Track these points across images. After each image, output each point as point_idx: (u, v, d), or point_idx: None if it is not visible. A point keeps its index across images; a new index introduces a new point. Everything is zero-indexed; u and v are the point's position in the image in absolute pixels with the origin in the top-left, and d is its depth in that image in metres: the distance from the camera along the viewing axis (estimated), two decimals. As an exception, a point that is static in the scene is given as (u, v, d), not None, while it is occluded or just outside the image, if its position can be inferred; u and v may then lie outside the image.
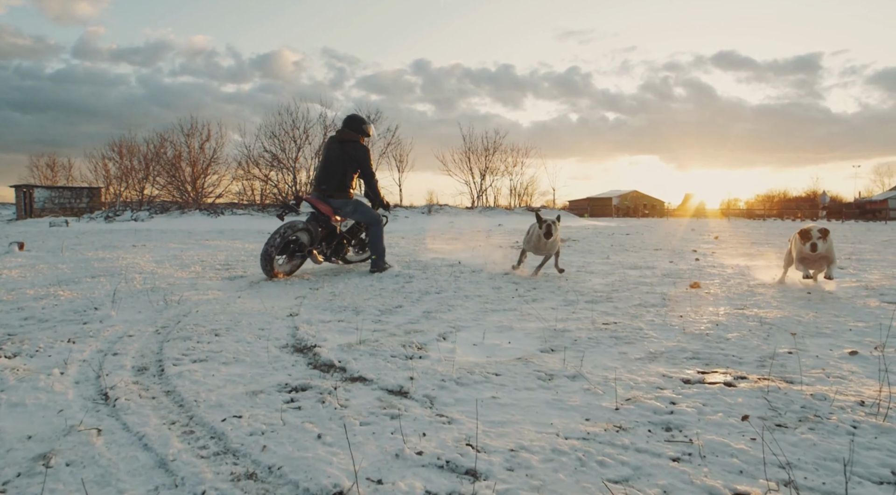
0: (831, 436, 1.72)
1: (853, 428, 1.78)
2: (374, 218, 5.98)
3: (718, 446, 1.65)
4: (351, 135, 5.92)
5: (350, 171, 5.86)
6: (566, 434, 1.75)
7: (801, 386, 2.18)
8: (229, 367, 2.49)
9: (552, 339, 3.01)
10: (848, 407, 1.95)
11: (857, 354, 2.70)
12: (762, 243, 11.79)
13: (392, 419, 1.87)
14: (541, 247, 5.56)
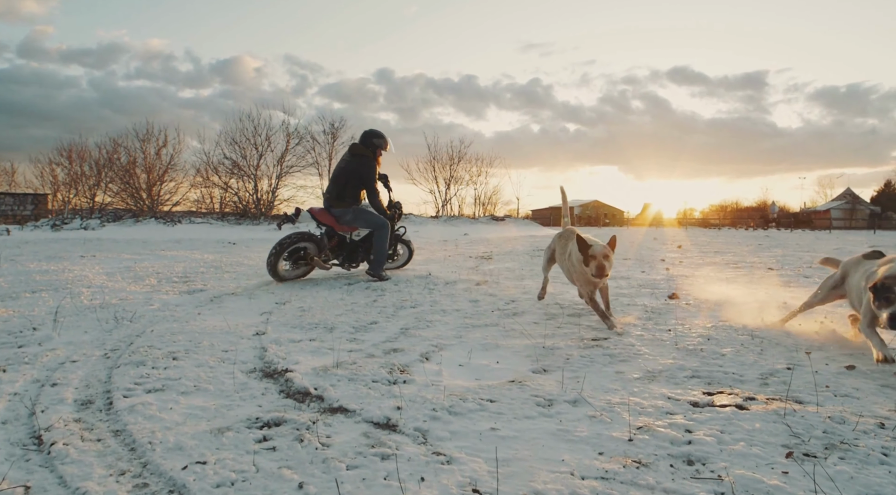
0: (866, 467, 1.57)
1: (884, 455, 1.65)
2: (377, 223, 6.13)
3: (751, 482, 1.48)
4: (360, 149, 6.22)
5: (352, 183, 6.09)
6: (582, 473, 1.55)
7: (814, 407, 2.05)
8: (190, 398, 2.20)
9: (543, 358, 2.82)
10: (871, 431, 1.82)
11: (855, 368, 2.61)
12: (724, 252, 12.00)
13: (383, 460, 1.63)
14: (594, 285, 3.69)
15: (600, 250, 3.48)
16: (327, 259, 6.18)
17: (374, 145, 6.25)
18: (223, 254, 9.55)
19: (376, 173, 6.22)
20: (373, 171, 6.14)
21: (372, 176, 6.13)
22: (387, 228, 6.18)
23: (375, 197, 6.19)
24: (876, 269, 2.78)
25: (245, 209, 27.28)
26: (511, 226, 29.89)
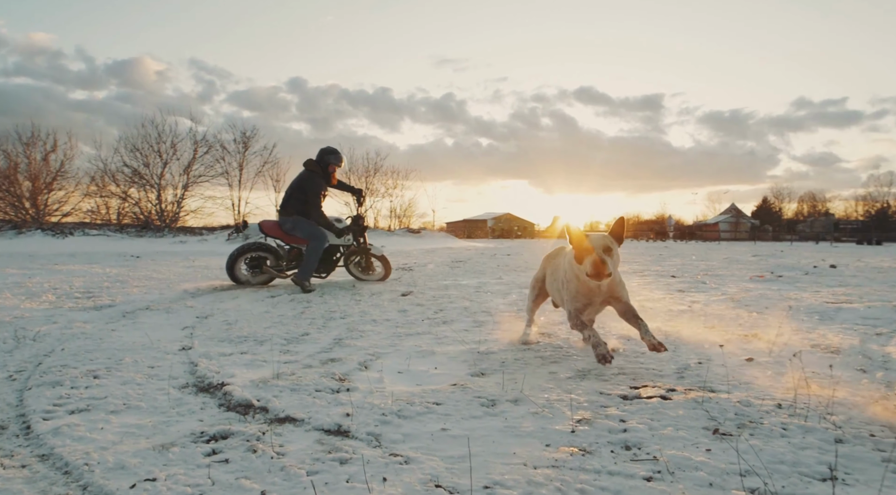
0: (771, 440, 1.81)
1: (784, 430, 1.90)
2: (312, 234, 6.35)
3: (681, 460, 1.65)
4: (310, 164, 6.59)
5: (295, 195, 6.41)
6: (534, 463, 1.66)
7: (725, 394, 2.30)
8: (122, 416, 2.09)
9: (479, 363, 2.93)
10: (772, 411, 2.08)
11: (754, 361, 2.94)
12: (631, 262, 12.87)
13: (342, 464, 1.65)
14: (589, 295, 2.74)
15: (598, 240, 2.54)
16: (281, 269, 6.53)
17: (324, 161, 6.56)
18: (128, 268, 8.92)
19: (321, 188, 6.46)
20: (315, 186, 6.38)
21: (314, 190, 6.37)
22: (320, 241, 6.33)
23: (314, 210, 6.39)
24: None
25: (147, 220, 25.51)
26: (427, 238, 30.17)
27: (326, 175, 6.61)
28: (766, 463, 1.63)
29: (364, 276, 7.30)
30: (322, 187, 6.51)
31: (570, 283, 2.75)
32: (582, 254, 2.54)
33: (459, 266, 10.80)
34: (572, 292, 2.74)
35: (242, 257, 6.52)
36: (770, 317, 4.44)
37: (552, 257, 3.33)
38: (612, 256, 2.52)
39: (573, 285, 2.73)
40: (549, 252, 3.42)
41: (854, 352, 3.12)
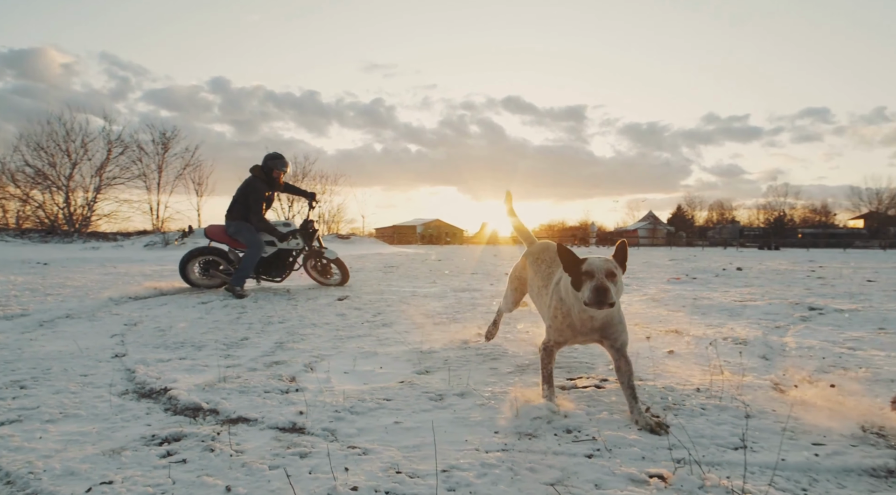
0: (692, 419, 2.04)
1: (703, 409, 2.14)
2: (250, 240, 6.35)
3: (617, 439, 1.84)
4: (254, 169, 6.58)
5: (238, 200, 6.43)
6: (486, 448, 1.79)
7: (652, 381, 2.55)
8: (60, 425, 2.02)
9: (423, 361, 3.04)
10: (692, 395, 2.33)
11: (674, 353, 3.24)
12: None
13: (303, 458, 1.70)
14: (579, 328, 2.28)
15: (600, 265, 2.10)
16: (231, 273, 6.56)
17: (267, 167, 6.56)
18: (37, 276, 8.28)
19: (262, 193, 6.45)
20: (257, 191, 6.39)
21: (255, 195, 6.38)
22: (257, 247, 6.32)
23: (254, 215, 6.40)
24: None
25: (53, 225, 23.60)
26: (357, 244, 29.91)
27: (271, 180, 6.61)
28: (689, 438, 1.85)
29: (323, 280, 7.33)
30: (263, 192, 6.47)
31: (557, 311, 2.31)
32: (581, 279, 2.11)
33: (392, 271, 10.85)
34: (558, 322, 2.31)
35: (195, 260, 6.57)
36: (687, 315, 4.84)
37: (538, 258, 2.83)
38: (615, 283, 2.08)
39: (561, 314, 2.29)
40: (532, 248, 3.00)
41: (758, 343, 3.50)
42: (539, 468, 1.63)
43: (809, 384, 2.55)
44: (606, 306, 2.04)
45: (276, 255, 6.81)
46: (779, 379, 2.60)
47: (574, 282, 2.15)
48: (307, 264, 7.25)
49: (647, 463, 1.67)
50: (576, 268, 2.15)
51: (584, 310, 2.17)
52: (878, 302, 5.68)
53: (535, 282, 2.76)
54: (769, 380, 2.57)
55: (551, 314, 2.36)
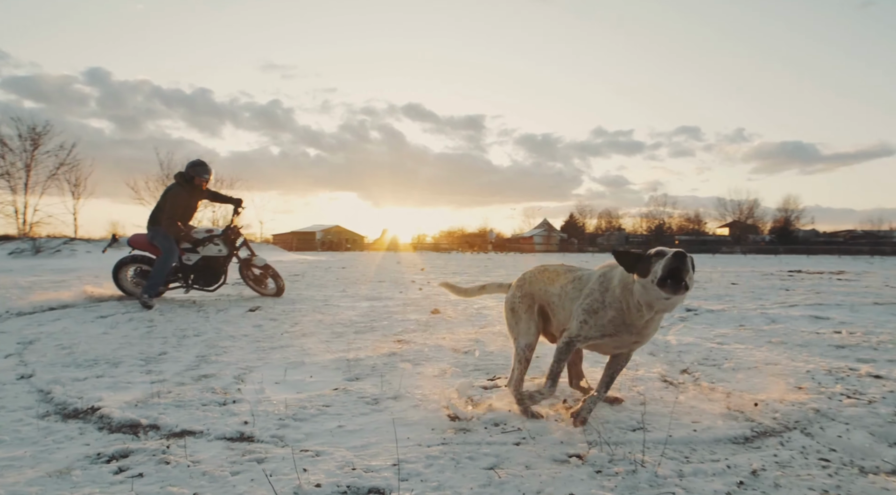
0: (600, 408, 2.39)
1: (617, 401, 2.50)
2: (163, 247, 6.19)
3: (540, 429, 2.14)
4: (178, 176, 6.52)
5: (160, 207, 6.32)
6: (427, 443, 2.00)
7: (564, 379, 2.89)
8: (-13, 450, 1.95)
9: (352, 369, 3.18)
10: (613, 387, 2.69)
11: (574, 353, 3.64)
12: (461, 273, 13.89)
13: (261, 463, 1.81)
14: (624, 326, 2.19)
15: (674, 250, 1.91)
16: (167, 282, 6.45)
17: (188, 174, 6.46)
18: None
19: (180, 199, 6.33)
20: (174, 197, 6.27)
21: (172, 201, 6.24)
22: (168, 255, 6.14)
23: (166, 221, 6.20)
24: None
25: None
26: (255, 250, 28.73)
27: (192, 187, 6.49)
28: (598, 423, 2.19)
29: (259, 290, 7.17)
30: (182, 199, 6.34)
31: (598, 304, 2.20)
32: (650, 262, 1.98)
33: (299, 279, 10.69)
34: (599, 317, 2.19)
35: (128, 267, 6.54)
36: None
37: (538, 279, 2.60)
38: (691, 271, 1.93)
39: (605, 308, 2.18)
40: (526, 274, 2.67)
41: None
42: (477, 456, 1.88)
43: (689, 375, 3.03)
44: (682, 290, 1.87)
45: (206, 264, 6.64)
46: (665, 372, 3.06)
47: (642, 269, 2.01)
48: (243, 273, 7.08)
49: (566, 447, 1.97)
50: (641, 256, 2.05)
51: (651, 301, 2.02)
52: (739, 302, 6.61)
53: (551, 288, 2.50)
54: (657, 373, 3.02)
55: (589, 307, 2.22)
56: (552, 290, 2.49)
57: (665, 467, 1.78)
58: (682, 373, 3.07)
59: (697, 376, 3.00)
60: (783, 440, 2.08)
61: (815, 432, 2.15)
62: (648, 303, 2.04)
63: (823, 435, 2.12)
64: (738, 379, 2.96)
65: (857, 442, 2.04)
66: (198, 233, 6.65)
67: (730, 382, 2.88)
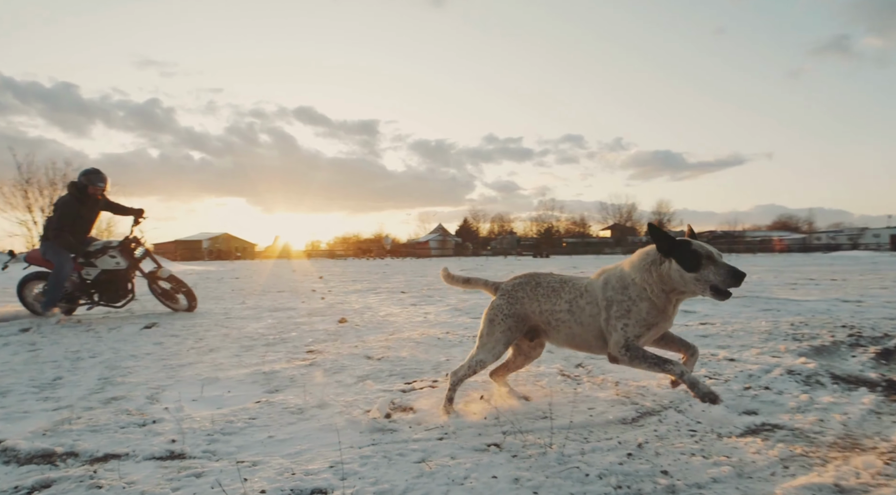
0: (511, 400, 2.66)
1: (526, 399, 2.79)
2: (57, 261, 5.96)
3: (460, 423, 2.36)
4: (70, 186, 6.24)
5: (52, 219, 6.08)
6: (358, 445, 2.15)
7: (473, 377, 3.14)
8: None
9: (271, 381, 3.22)
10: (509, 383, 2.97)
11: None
12: (360, 280, 13.90)
13: (199, 477, 1.86)
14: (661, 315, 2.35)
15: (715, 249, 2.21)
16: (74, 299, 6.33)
17: (80, 183, 6.20)
18: None
19: (69, 210, 6.03)
20: (65, 208, 6.03)
21: (62, 212, 6.02)
22: (60, 268, 5.89)
23: (59, 236, 5.93)
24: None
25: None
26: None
27: (84, 197, 6.16)
28: (510, 414, 2.45)
29: (171, 305, 6.84)
30: (74, 210, 6.03)
31: (635, 303, 2.30)
32: (697, 260, 2.15)
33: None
34: (640, 314, 2.29)
35: (31, 285, 6.31)
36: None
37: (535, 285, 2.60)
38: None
39: (640, 302, 2.29)
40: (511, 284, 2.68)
41: (541, 339, 4.41)
42: (406, 452, 2.06)
43: (583, 368, 3.42)
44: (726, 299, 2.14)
45: (108, 278, 6.31)
46: (563, 367, 3.43)
47: (689, 263, 2.15)
48: (151, 287, 6.72)
49: (484, 438, 2.21)
50: (683, 245, 2.19)
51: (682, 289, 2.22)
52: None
53: (555, 306, 2.49)
54: (556, 369, 3.38)
55: (620, 313, 2.30)
56: (559, 308, 2.48)
57: (569, 447, 2.08)
58: (578, 367, 3.45)
59: (590, 369, 3.39)
60: (661, 418, 2.46)
61: (685, 409, 2.57)
62: (678, 290, 2.24)
63: (691, 410, 2.55)
64: (623, 369, 3.39)
65: (717, 414, 2.48)
66: (95, 246, 6.26)
67: (617, 373, 3.29)
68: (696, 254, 2.16)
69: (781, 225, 79.07)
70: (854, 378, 3.08)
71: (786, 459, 1.97)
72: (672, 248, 2.22)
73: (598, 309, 2.38)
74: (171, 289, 6.80)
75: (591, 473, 1.85)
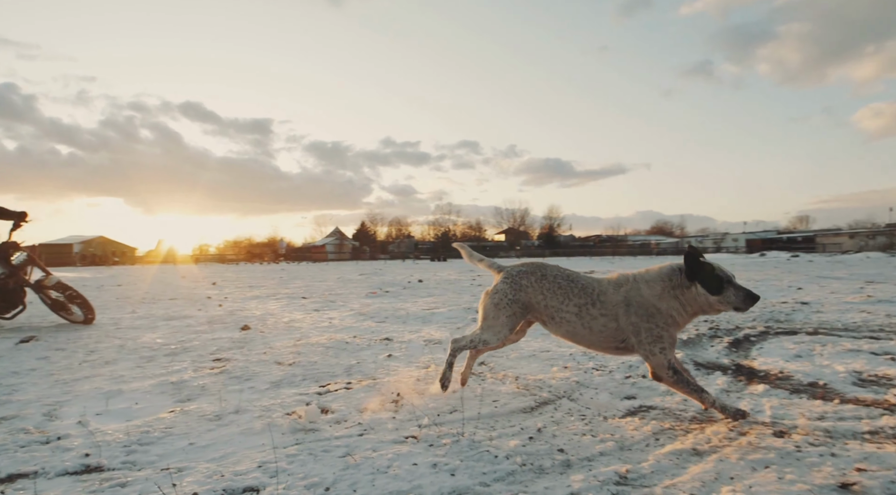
0: (422, 397, 2.86)
1: (426, 390, 3.00)
2: None
3: (376, 421, 2.53)
4: None
5: None
6: (283, 445, 2.25)
7: (385, 378, 3.32)
8: None
9: (181, 391, 3.18)
10: (422, 379, 3.18)
11: (392, 356, 4.11)
12: (257, 286, 13.47)
13: (124, 487, 1.88)
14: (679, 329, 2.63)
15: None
16: None
17: None
18: None
19: None
20: None
21: None
22: None
23: None
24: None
25: None
26: None
27: None
28: (423, 410, 2.66)
29: (67, 317, 6.31)
30: None
31: (665, 329, 2.49)
32: (721, 284, 2.43)
33: (67, 302, 9.34)
34: (672, 338, 2.51)
35: None
36: (392, 324, 5.88)
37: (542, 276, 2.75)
38: None
39: (672, 330, 2.51)
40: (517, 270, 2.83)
41: (447, 341, 4.66)
42: (330, 449, 2.20)
43: (486, 366, 3.71)
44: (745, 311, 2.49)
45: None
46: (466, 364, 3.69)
47: (712, 286, 2.42)
48: (41, 297, 6.14)
49: (401, 432, 2.40)
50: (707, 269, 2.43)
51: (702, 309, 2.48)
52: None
53: (562, 305, 2.65)
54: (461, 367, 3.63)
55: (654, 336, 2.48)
56: (566, 308, 2.63)
57: (479, 435, 2.33)
58: (481, 365, 3.73)
59: (492, 366, 3.69)
60: (556, 406, 2.79)
61: (576, 397, 2.93)
62: (697, 308, 2.49)
63: (582, 398, 2.90)
64: (522, 365, 3.72)
65: (603, 400, 2.86)
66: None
67: (517, 368, 3.61)
68: (720, 279, 2.41)
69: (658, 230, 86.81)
70: (712, 364, 3.63)
71: (657, 433, 2.36)
72: (698, 273, 2.43)
73: (617, 324, 2.54)
74: (65, 299, 6.25)
75: (500, 455, 2.11)
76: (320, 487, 1.85)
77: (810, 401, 2.75)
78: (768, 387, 3.03)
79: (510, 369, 3.58)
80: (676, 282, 2.49)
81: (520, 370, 3.56)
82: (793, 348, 4.02)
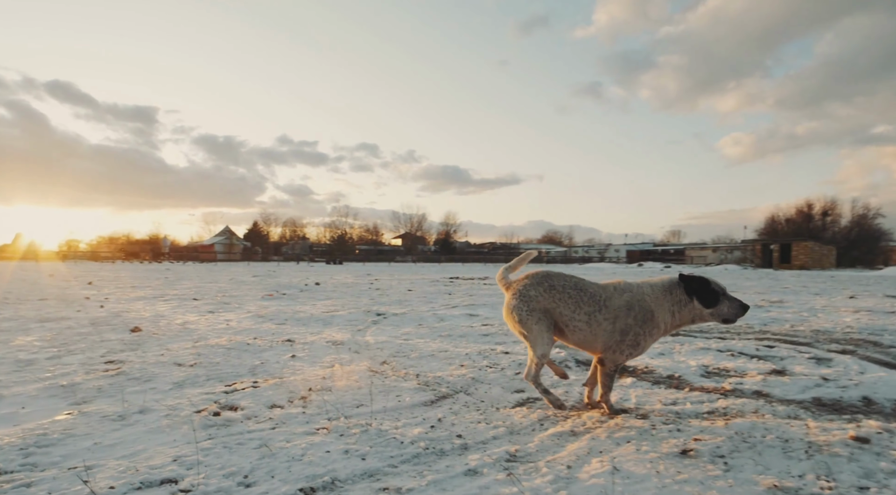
0: (330, 393, 3.02)
1: (355, 383, 3.16)
2: None
3: (285, 416, 2.66)
4: None
5: None
6: (196, 440, 2.32)
7: (292, 377, 3.43)
8: None
9: (74, 393, 3.08)
10: (324, 381, 3.32)
11: (296, 357, 4.19)
12: (141, 286, 12.63)
13: (30, 487, 1.87)
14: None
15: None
16: None
17: None
18: None
19: None
20: None
21: None
22: None
23: None
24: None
25: None
26: None
27: None
28: (331, 405, 2.82)
29: None
30: None
31: (646, 338, 2.69)
32: (717, 297, 2.64)
33: None
34: (645, 348, 2.73)
35: None
36: (292, 326, 5.90)
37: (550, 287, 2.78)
38: None
39: (651, 340, 2.72)
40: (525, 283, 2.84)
41: (350, 342, 4.82)
42: (244, 441, 2.31)
43: (388, 365, 3.93)
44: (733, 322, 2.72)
45: None
46: (370, 364, 3.89)
47: (708, 300, 2.63)
48: None
49: (312, 424, 2.55)
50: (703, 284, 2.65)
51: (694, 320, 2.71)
52: (416, 306, 8.10)
53: (574, 314, 2.73)
54: (365, 366, 3.82)
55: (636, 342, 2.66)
56: (578, 317, 2.71)
57: (386, 425, 2.54)
58: (383, 364, 3.94)
59: (394, 365, 3.91)
60: (454, 399, 3.07)
61: (472, 392, 3.23)
62: (687, 320, 2.72)
63: (477, 392, 3.21)
64: (422, 364, 3.98)
65: (495, 394, 3.19)
66: None
67: (417, 367, 3.87)
68: (715, 293, 2.63)
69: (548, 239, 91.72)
70: (589, 361, 4.12)
71: (542, 419, 2.71)
72: (696, 289, 2.63)
73: (613, 326, 2.67)
74: None
75: (406, 441, 2.34)
76: (239, 475, 1.97)
77: (667, 390, 3.27)
78: (635, 380, 3.53)
79: (411, 367, 3.82)
80: (676, 298, 2.69)
81: (420, 368, 3.81)
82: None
